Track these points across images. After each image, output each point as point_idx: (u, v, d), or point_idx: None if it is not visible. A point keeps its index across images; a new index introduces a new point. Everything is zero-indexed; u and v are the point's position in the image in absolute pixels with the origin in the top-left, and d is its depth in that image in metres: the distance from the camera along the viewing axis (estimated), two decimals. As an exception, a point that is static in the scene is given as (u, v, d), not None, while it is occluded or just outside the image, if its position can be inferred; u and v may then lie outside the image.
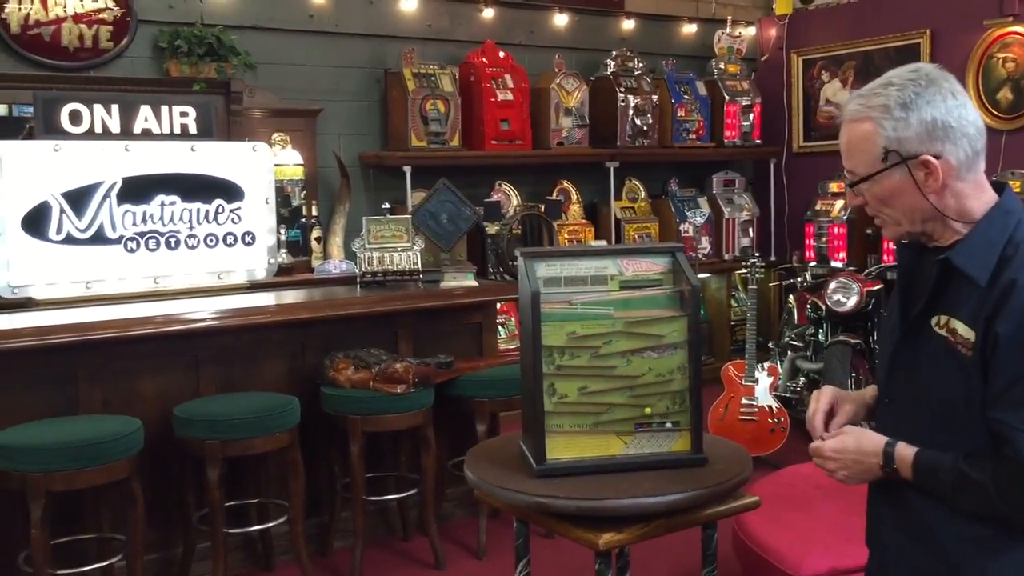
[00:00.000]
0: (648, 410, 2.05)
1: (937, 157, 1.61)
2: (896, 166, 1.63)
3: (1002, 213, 1.64)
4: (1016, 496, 1.56)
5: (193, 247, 4.39)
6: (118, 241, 4.23)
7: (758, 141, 7.13)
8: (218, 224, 4.45)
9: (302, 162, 5.34)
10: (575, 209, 6.46)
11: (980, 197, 1.65)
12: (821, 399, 1.86)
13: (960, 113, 1.61)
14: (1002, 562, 1.64)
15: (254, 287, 4.51)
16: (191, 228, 4.37)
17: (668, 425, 2.06)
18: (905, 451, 1.67)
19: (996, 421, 1.57)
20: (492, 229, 5.39)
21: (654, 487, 1.92)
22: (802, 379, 5.56)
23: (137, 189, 4.26)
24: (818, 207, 6.65)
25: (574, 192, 6.49)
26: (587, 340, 2.02)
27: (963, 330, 1.60)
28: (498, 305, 5.01)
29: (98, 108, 4.30)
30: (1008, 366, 1.55)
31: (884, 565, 1.81)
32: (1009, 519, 1.61)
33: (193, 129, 4.49)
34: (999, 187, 1.70)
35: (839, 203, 6.57)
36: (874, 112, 1.63)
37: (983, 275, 1.59)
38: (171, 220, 4.33)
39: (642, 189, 6.87)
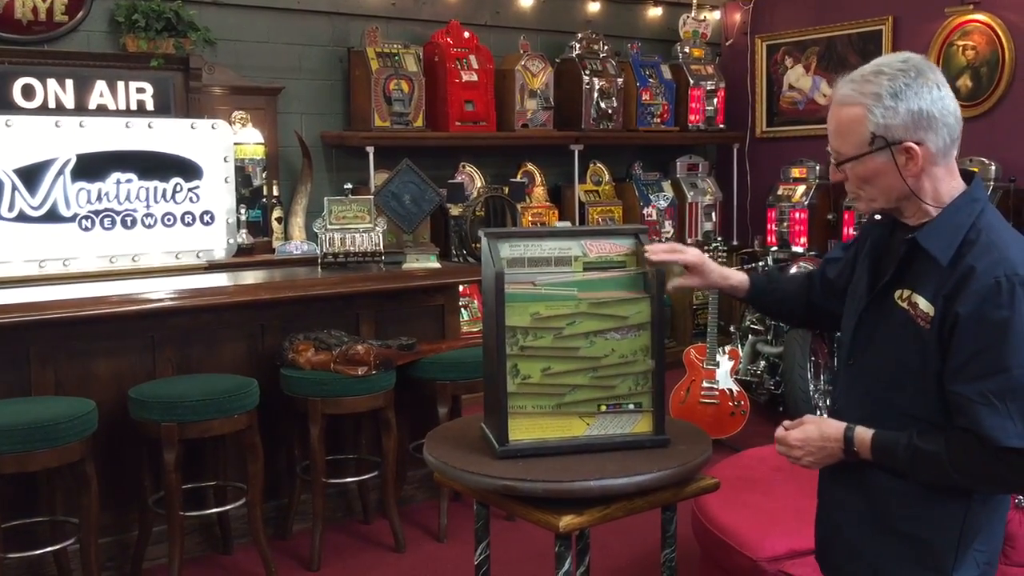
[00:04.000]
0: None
1: (919, 144, 1.71)
2: (881, 150, 1.72)
3: (969, 200, 1.75)
4: (968, 464, 1.66)
5: (150, 226, 4.32)
6: (72, 219, 4.14)
7: (722, 126, 7.15)
8: (176, 203, 4.38)
9: (263, 141, 5.26)
10: (539, 192, 6.44)
11: (951, 182, 1.76)
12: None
13: (943, 104, 1.71)
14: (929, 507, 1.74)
15: (213, 267, 4.44)
16: (148, 207, 4.30)
17: (631, 406, 2.05)
18: (863, 434, 1.77)
19: (955, 394, 1.67)
20: (455, 211, 5.34)
21: (616, 469, 1.90)
22: (762, 363, 5.59)
23: (92, 166, 4.18)
24: (780, 192, 6.69)
25: (538, 175, 6.47)
26: (551, 321, 2.00)
27: (924, 305, 1.71)
28: (461, 287, 4.98)
29: (52, 83, 4.22)
30: (966, 344, 1.65)
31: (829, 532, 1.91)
32: (962, 487, 1.71)
33: (150, 105, 4.42)
34: (967, 176, 1.81)
35: (801, 188, 6.61)
36: (866, 99, 1.72)
37: (945, 256, 1.69)
38: (127, 198, 4.25)
39: (606, 172, 6.87)
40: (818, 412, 4.86)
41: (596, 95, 6.44)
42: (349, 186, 4.61)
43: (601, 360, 2.03)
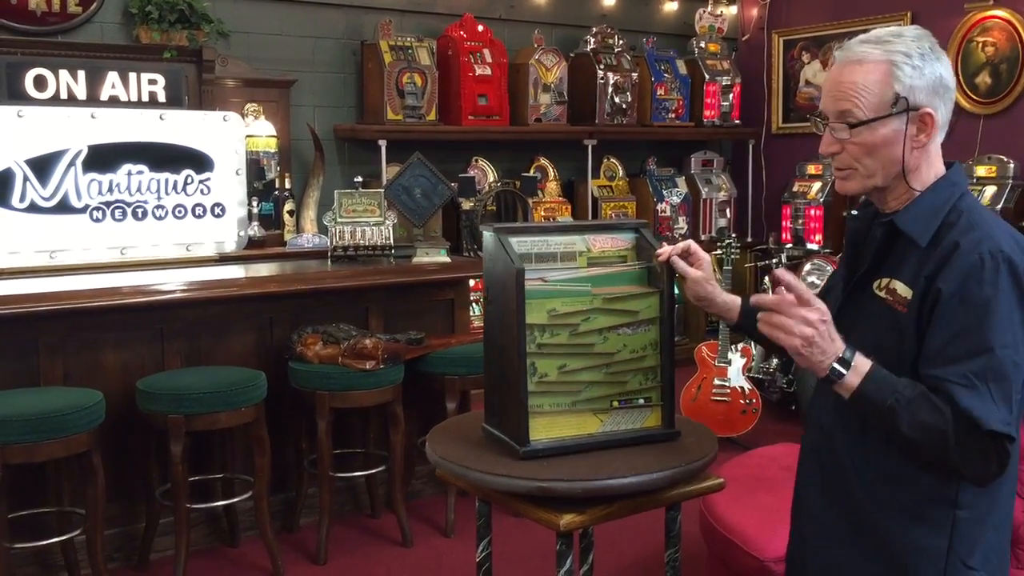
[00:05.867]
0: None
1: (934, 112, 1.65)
2: (898, 115, 1.63)
3: (948, 184, 1.69)
4: (967, 439, 1.52)
5: (161, 218, 4.32)
6: (83, 210, 4.15)
7: (737, 121, 7.09)
8: (187, 195, 4.38)
9: (275, 133, 5.25)
10: (552, 187, 6.41)
11: (934, 167, 1.70)
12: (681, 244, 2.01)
13: (950, 76, 1.67)
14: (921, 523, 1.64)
15: (223, 259, 4.44)
16: (159, 198, 4.30)
17: (641, 401, 2.03)
18: (863, 358, 1.60)
19: (932, 378, 1.56)
20: (467, 205, 5.32)
21: (621, 467, 1.88)
22: (775, 360, 5.55)
23: (103, 158, 4.18)
24: (795, 189, 6.64)
25: (551, 169, 6.44)
26: (567, 317, 1.98)
27: (902, 289, 1.63)
28: (472, 282, 4.96)
29: (64, 74, 4.22)
30: (946, 324, 1.56)
31: (803, 539, 1.82)
32: (941, 457, 1.56)
33: (162, 97, 4.42)
34: (947, 165, 1.74)
35: (816, 185, 6.55)
36: (895, 56, 1.63)
37: (924, 237, 1.63)
38: (138, 190, 4.26)
39: (620, 168, 6.83)
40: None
41: (610, 90, 6.39)
42: (359, 179, 4.59)
43: (614, 356, 2.01)
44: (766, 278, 6.08)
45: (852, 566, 1.71)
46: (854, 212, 1.81)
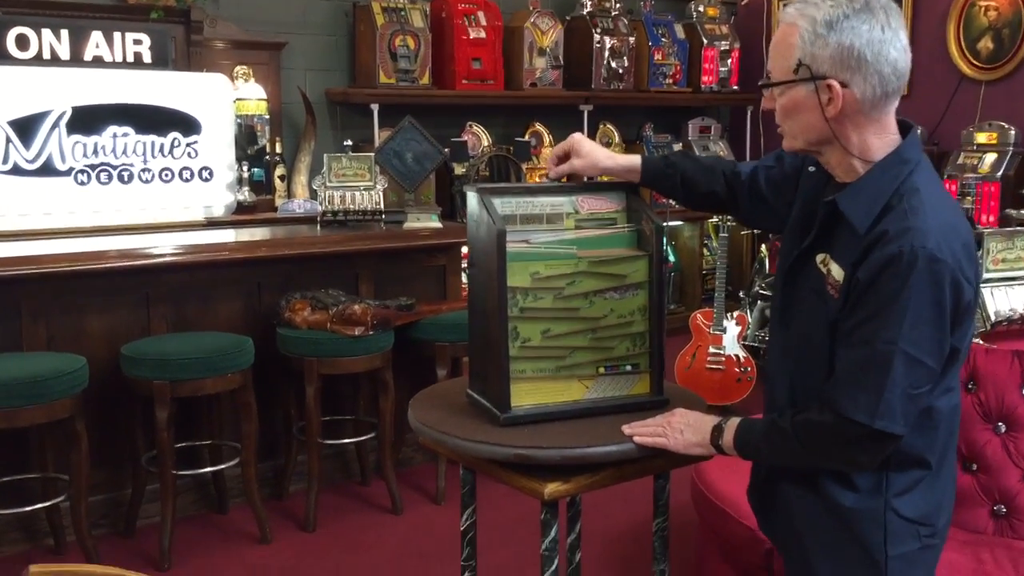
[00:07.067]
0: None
1: (844, 86, 1.57)
2: (805, 82, 1.59)
3: (898, 161, 1.61)
4: (813, 435, 1.60)
5: (147, 181, 4.24)
6: (68, 173, 4.08)
7: (736, 87, 6.99)
8: (174, 158, 4.30)
9: (265, 97, 5.16)
10: (547, 152, 6.31)
11: (883, 137, 1.62)
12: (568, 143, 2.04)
13: (880, 49, 1.56)
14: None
15: (211, 224, 4.37)
16: (145, 161, 4.22)
17: (628, 368, 1.98)
18: (732, 421, 1.75)
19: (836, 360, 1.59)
20: (459, 170, 5.25)
21: (608, 435, 1.83)
22: (771, 329, 5.50)
23: (88, 119, 4.10)
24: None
25: (547, 135, 6.35)
26: (551, 281, 1.91)
27: (836, 271, 1.60)
28: (463, 249, 4.90)
29: (47, 33, 4.13)
30: (856, 311, 1.56)
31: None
32: (810, 463, 1.66)
33: (148, 58, 4.33)
34: (905, 127, 1.66)
35: (815, 152, 6.46)
36: (801, 21, 1.59)
37: (863, 223, 1.57)
38: (124, 153, 4.18)
39: (616, 134, 6.74)
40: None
41: (607, 54, 6.30)
42: (348, 143, 4.51)
43: (600, 321, 1.95)
44: (762, 247, 6.02)
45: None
46: (811, 169, 1.76)
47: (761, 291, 5.65)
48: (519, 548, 3.44)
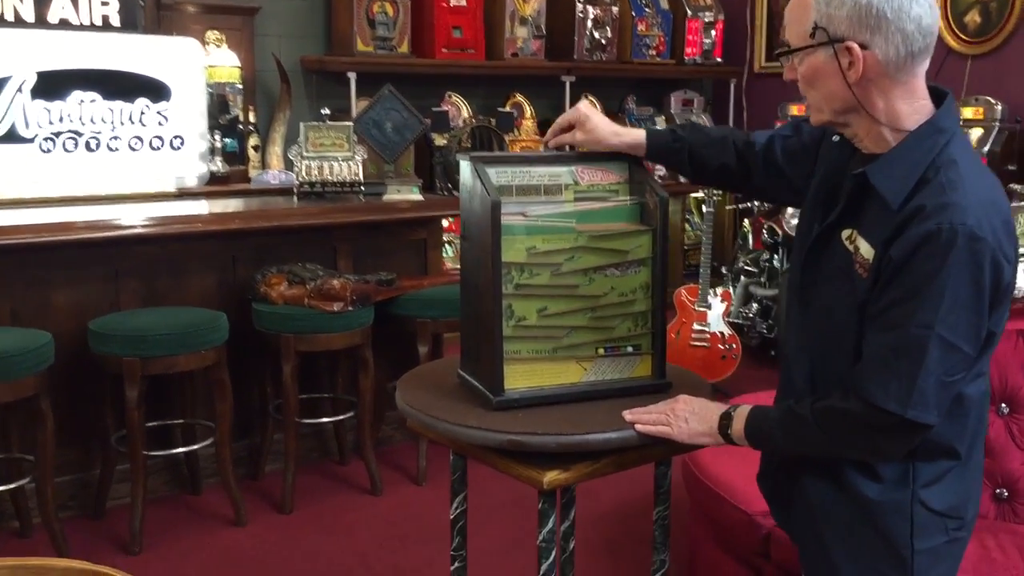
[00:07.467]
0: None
1: (864, 47, 1.46)
2: (822, 46, 1.49)
3: (933, 131, 1.50)
4: (834, 422, 1.52)
5: (115, 150, 4.08)
6: (32, 140, 3.89)
7: (719, 60, 6.88)
8: (143, 126, 4.13)
9: (239, 64, 4.98)
10: (528, 124, 6.19)
11: (911, 102, 1.51)
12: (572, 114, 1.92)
13: (902, 4, 1.44)
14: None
15: (183, 194, 4.22)
16: (113, 129, 4.05)
17: (629, 349, 1.87)
18: (743, 408, 1.67)
19: (865, 344, 1.50)
20: (440, 141, 5.11)
21: (610, 420, 1.72)
22: (755, 305, 5.43)
23: (53, 84, 3.93)
24: (778, 130, 6.46)
25: (527, 107, 6.21)
26: (548, 256, 1.79)
27: (865, 249, 1.50)
28: (445, 222, 4.77)
29: (9, -7, 3.93)
30: (887, 291, 1.45)
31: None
32: (834, 453, 1.57)
33: (115, 21, 4.15)
34: (940, 95, 1.54)
35: (799, 127, 6.37)
36: None
37: (897, 198, 1.46)
38: (91, 120, 4.00)
39: (598, 106, 6.60)
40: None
41: (590, 24, 6.16)
42: (326, 111, 4.36)
43: (600, 299, 1.84)
44: (744, 221, 5.94)
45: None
46: (835, 138, 1.65)
47: (745, 267, 5.58)
48: (506, 530, 3.35)
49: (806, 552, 1.69)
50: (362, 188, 4.07)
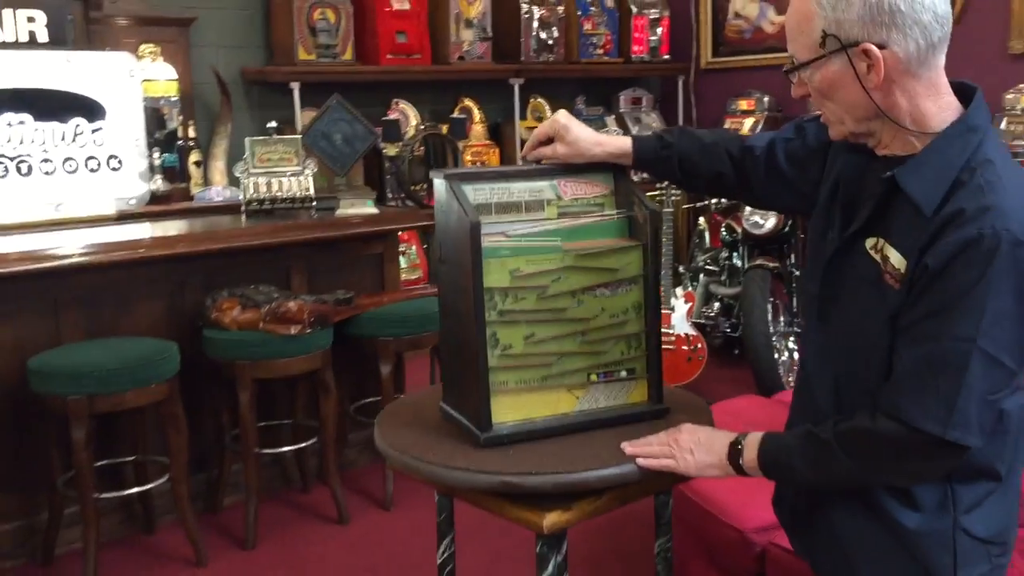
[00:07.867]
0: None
1: (881, 47, 1.36)
2: (835, 53, 1.38)
3: (965, 130, 1.40)
4: (859, 445, 1.41)
5: (49, 173, 3.85)
6: (-43, 167, 3.66)
7: (666, 57, 6.82)
8: (77, 147, 3.91)
9: (175, 77, 4.77)
10: (478, 129, 6.06)
11: (937, 100, 1.41)
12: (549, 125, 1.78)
13: None
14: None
15: (123, 218, 4.01)
16: (45, 151, 3.82)
17: (623, 373, 1.75)
18: (754, 436, 1.56)
19: (896, 358, 1.39)
20: (391, 151, 4.96)
21: (607, 455, 1.60)
22: (716, 304, 5.37)
23: (-23, 106, 3.69)
24: (727, 125, 6.40)
25: (476, 111, 6.08)
26: (533, 278, 1.67)
27: (895, 259, 1.40)
28: (399, 233, 4.62)
29: (-74, 10, 3.69)
30: (923, 301, 1.35)
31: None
32: (863, 480, 1.45)
33: (43, 37, 3.92)
34: (967, 91, 1.44)
35: (749, 121, 6.33)
36: None
37: (931, 203, 1.36)
38: (20, 142, 3.77)
39: (547, 108, 6.48)
40: (777, 355, 4.65)
41: (536, 24, 6.06)
42: (273, 124, 4.18)
43: (590, 322, 1.71)
44: (700, 219, 5.88)
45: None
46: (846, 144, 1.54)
47: (706, 266, 5.51)
48: (487, 549, 3.21)
49: None
50: (314, 203, 3.91)
